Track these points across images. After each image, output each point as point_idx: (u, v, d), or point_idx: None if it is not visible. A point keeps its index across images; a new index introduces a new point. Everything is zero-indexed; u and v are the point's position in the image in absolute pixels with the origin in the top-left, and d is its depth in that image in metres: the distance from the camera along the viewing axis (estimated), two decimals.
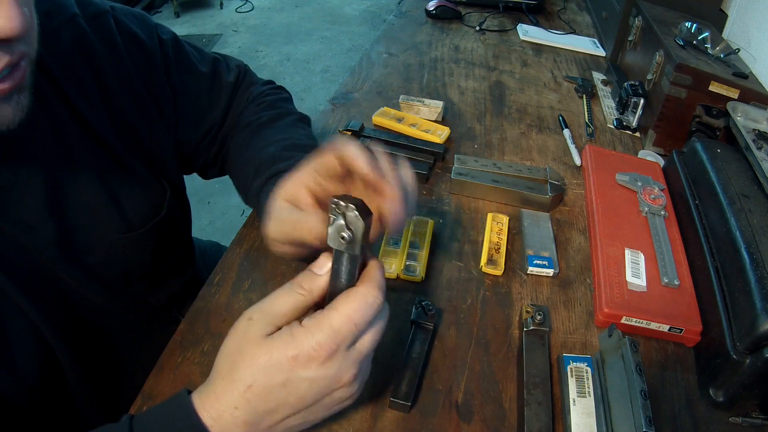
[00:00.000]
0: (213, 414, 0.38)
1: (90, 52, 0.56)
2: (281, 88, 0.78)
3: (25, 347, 0.49)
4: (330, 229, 0.37)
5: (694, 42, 0.90)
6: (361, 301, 0.37)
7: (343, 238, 0.36)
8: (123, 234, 0.59)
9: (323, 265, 0.39)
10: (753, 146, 0.67)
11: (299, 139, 0.65)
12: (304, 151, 0.56)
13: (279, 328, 0.38)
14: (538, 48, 1.22)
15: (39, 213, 0.51)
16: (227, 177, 0.73)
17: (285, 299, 0.39)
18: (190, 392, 0.39)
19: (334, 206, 0.36)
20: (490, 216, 0.71)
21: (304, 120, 0.73)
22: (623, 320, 0.59)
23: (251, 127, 0.68)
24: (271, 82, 0.79)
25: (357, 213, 0.35)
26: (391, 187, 0.41)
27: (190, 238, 0.77)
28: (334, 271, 0.39)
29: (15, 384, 0.48)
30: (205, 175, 0.77)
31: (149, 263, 0.63)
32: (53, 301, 0.52)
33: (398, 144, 0.81)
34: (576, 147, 0.87)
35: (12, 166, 0.49)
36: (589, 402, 0.50)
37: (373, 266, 0.39)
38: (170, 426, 0.38)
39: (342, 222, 0.36)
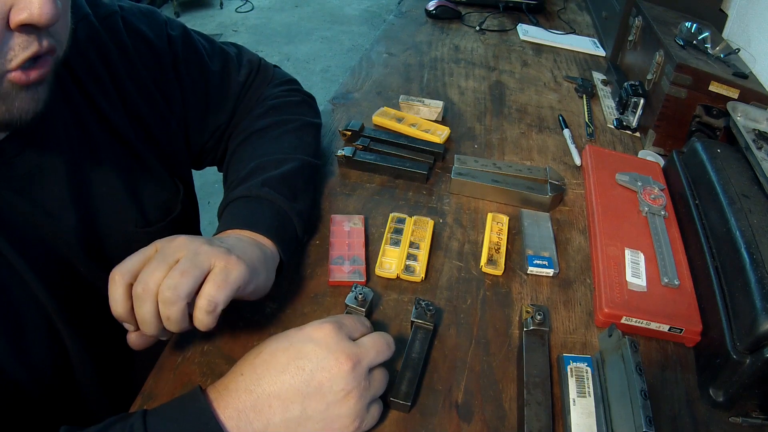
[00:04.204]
0: (219, 386, 0.43)
1: (103, 50, 0.56)
2: (296, 90, 0.77)
3: (38, 335, 0.50)
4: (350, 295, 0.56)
5: (694, 42, 0.90)
6: (381, 336, 0.47)
7: (356, 299, 0.55)
8: (140, 228, 0.59)
9: None
10: (753, 146, 0.67)
11: (275, 154, 0.65)
12: (265, 173, 0.61)
13: None
14: (538, 48, 1.22)
15: (62, 201, 0.51)
16: None
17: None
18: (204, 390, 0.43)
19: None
20: (490, 216, 0.71)
21: (307, 127, 0.72)
22: (623, 320, 0.59)
23: (244, 135, 0.68)
24: (290, 81, 0.78)
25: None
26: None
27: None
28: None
29: (25, 370, 0.48)
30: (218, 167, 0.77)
31: None
32: (68, 293, 0.52)
33: (398, 144, 0.81)
34: (576, 147, 0.87)
35: (37, 152, 0.49)
36: (589, 402, 0.50)
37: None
38: (179, 402, 0.42)
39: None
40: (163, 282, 0.43)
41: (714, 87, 0.80)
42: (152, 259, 0.45)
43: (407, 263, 0.63)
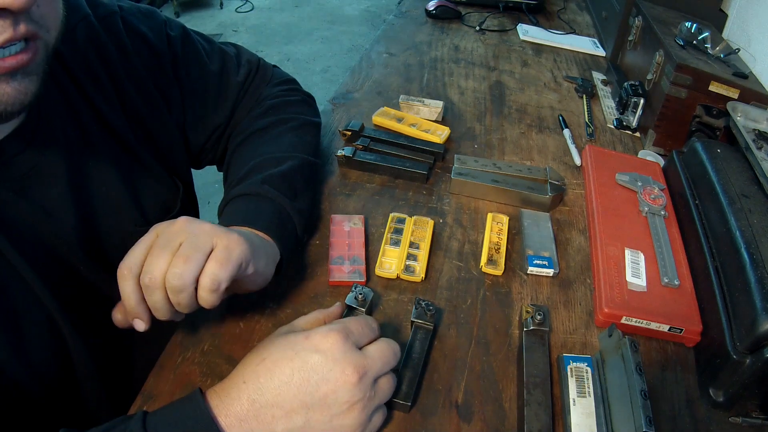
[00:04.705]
0: (220, 392, 0.42)
1: (102, 50, 0.57)
2: (295, 90, 0.77)
3: (39, 335, 0.49)
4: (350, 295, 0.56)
5: (694, 42, 0.90)
6: (389, 344, 0.47)
7: (356, 299, 0.55)
8: (140, 227, 0.59)
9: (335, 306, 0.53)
10: (753, 146, 0.67)
11: (275, 153, 0.65)
12: (265, 171, 0.61)
13: None
14: (538, 48, 1.22)
15: (60, 200, 0.51)
16: None
17: (306, 318, 0.49)
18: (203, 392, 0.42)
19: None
20: (490, 216, 0.71)
21: (306, 126, 0.72)
22: (623, 320, 0.59)
23: (244, 135, 0.69)
24: (289, 81, 0.78)
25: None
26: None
27: None
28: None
29: (25, 370, 0.48)
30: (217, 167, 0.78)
31: None
32: (69, 292, 0.52)
33: (398, 144, 0.81)
34: (576, 147, 0.87)
35: (35, 152, 0.49)
36: (589, 402, 0.50)
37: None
38: (179, 406, 0.41)
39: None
40: (169, 271, 0.43)
41: (714, 87, 0.80)
42: (154, 246, 0.45)
43: (407, 263, 0.63)
